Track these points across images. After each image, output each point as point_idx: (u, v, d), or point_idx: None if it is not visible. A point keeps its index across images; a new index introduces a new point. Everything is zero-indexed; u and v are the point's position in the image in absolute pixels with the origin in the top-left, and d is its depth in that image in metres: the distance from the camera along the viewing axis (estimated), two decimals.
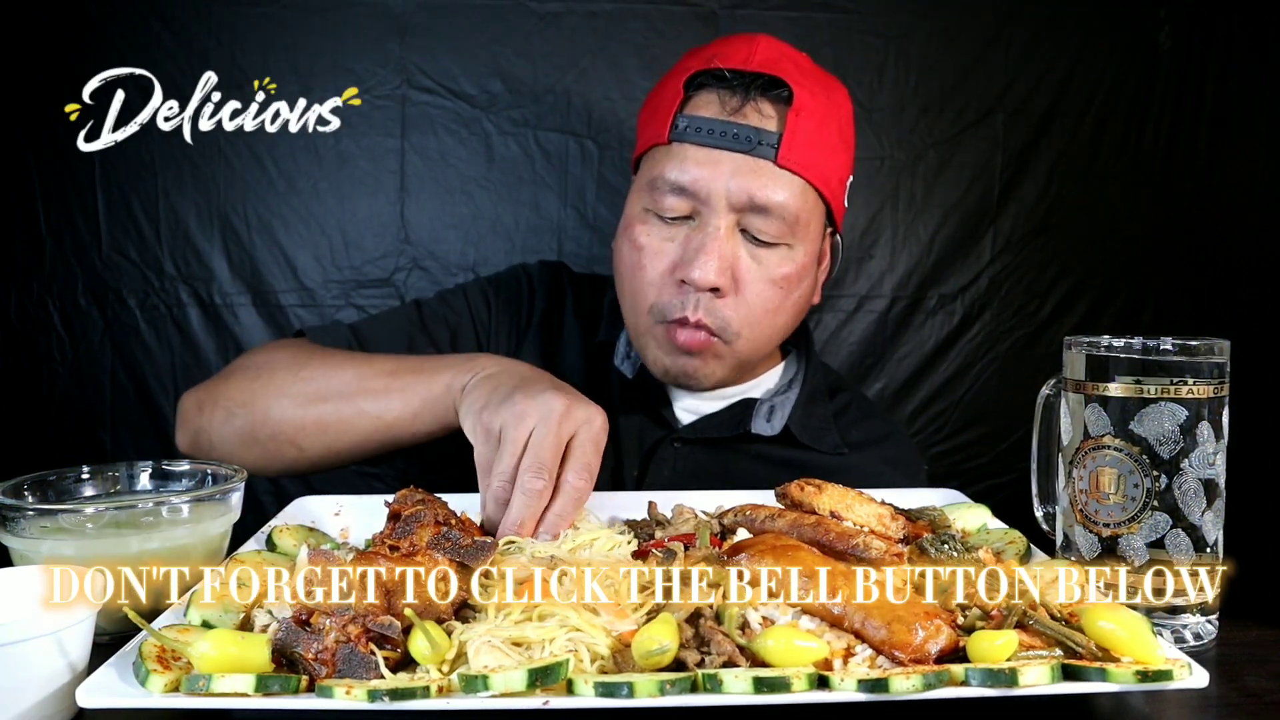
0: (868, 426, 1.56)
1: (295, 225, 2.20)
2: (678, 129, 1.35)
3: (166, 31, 2.11)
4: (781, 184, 1.32)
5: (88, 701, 0.72)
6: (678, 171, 1.33)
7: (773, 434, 1.47)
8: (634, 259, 1.39)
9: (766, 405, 1.50)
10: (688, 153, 1.34)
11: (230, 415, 1.35)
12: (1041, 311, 2.38)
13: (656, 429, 1.50)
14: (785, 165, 1.32)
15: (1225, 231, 2.38)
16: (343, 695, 0.72)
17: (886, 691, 0.73)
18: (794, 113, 1.32)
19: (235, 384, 1.38)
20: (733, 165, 1.32)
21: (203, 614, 0.85)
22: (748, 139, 1.32)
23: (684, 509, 1.12)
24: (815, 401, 1.53)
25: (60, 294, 2.14)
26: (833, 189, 1.40)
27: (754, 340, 1.40)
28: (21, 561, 0.97)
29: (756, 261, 1.36)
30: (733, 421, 1.49)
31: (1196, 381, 0.97)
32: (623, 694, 0.72)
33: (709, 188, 1.32)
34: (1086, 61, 2.32)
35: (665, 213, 1.36)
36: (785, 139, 1.32)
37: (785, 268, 1.37)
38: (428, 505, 1.02)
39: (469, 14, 2.17)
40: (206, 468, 1.13)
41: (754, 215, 1.33)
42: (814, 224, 1.39)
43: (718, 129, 1.33)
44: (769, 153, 1.32)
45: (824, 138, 1.37)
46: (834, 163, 1.39)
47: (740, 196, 1.32)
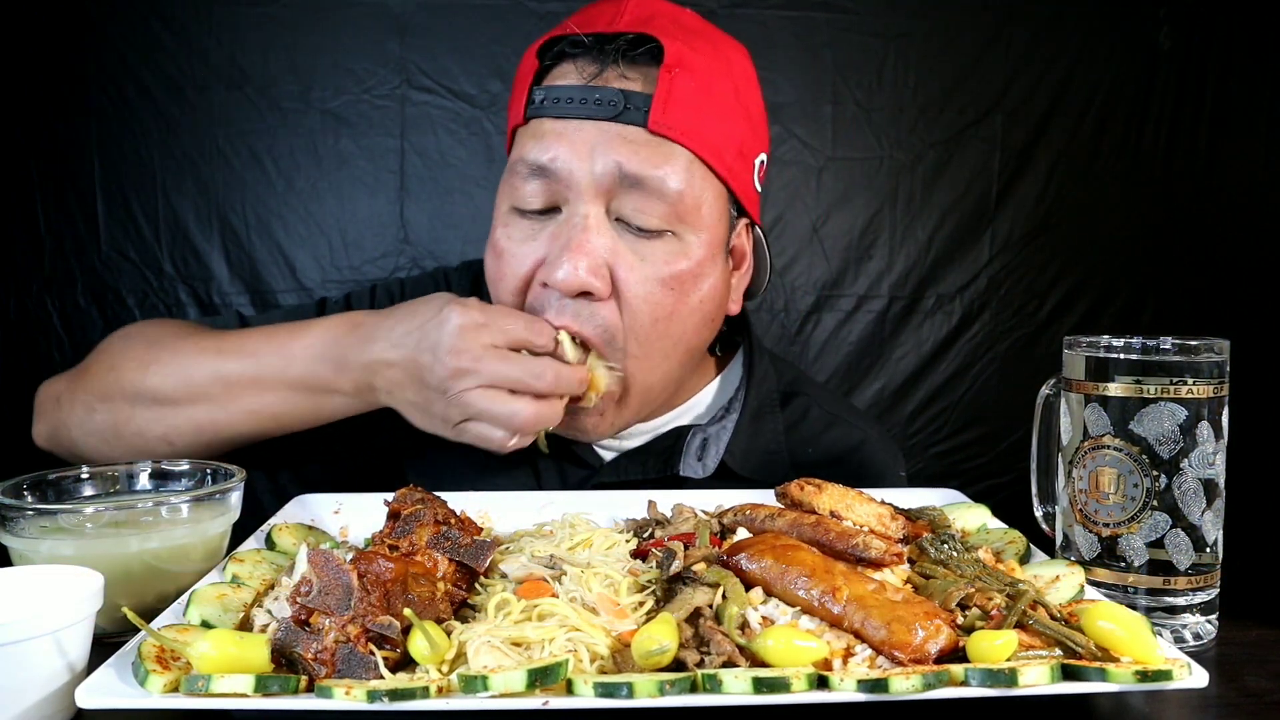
0: (832, 438, 1.34)
1: (294, 225, 2.20)
2: (534, 103, 1.15)
3: (166, 31, 2.11)
4: (659, 154, 1.11)
5: (87, 702, 0.72)
6: (535, 150, 1.13)
7: (704, 475, 1.26)
8: (494, 267, 1.19)
9: (699, 437, 1.27)
10: (545, 128, 1.14)
11: (90, 410, 1.23)
12: (1041, 311, 2.38)
13: (577, 469, 1.30)
14: (660, 131, 1.10)
15: (1225, 231, 2.39)
16: (342, 695, 0.72)
17: (886, 692, 0.73)
18: (666, 70, 1.10)
19: (94, 378, 1.25)
20: (597, 134, 1.11)
21: (202, 613, 0.85)
22: (611, 103, 1.10)
23: (684, 508, 1.12)
24: (761, 419, 1.30)
25: (60, 294, 2.14)
26: (729, 164, 1.17)
27: (646, 360, 1.16)
28: (21, 561, 0.97)
29: (639, 257, 1.13)
30: (660, 459, 1.27)
31: (1196, 381, 0.97)
32: (622, 694, 0.72)
33: (570, 165, 1.11)
34: (1086, 61, 2.32)
35: (526, 204, 1.15)
36: (658, 100, 1.10)
37: (676, 264, 1.14)
38: (427, 504, 1.02)
39: (469, 14, 2.17)
40: (206, 467, 1.13)
41: (628, 195, 1.11)
42: (709, 207, 1.16)
43: (576, 96, 1.11)
44: (639, 116, 1.10)
45: (712, 102, 1.14)
46: (730, 132, 1.16)
47: (607, 172, 1.10)
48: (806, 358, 2.32)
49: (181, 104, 2.14)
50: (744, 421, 1.29)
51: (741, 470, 1.27)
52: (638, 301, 1.14)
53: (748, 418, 1.30)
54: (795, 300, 2.33)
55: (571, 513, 1.14)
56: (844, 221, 2.33)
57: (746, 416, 1.30)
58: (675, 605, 0.84)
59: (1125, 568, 0.98)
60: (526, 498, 1.20)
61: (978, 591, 0.86)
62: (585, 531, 1.04)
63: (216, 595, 0.89)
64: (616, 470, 1.29)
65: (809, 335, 2.34)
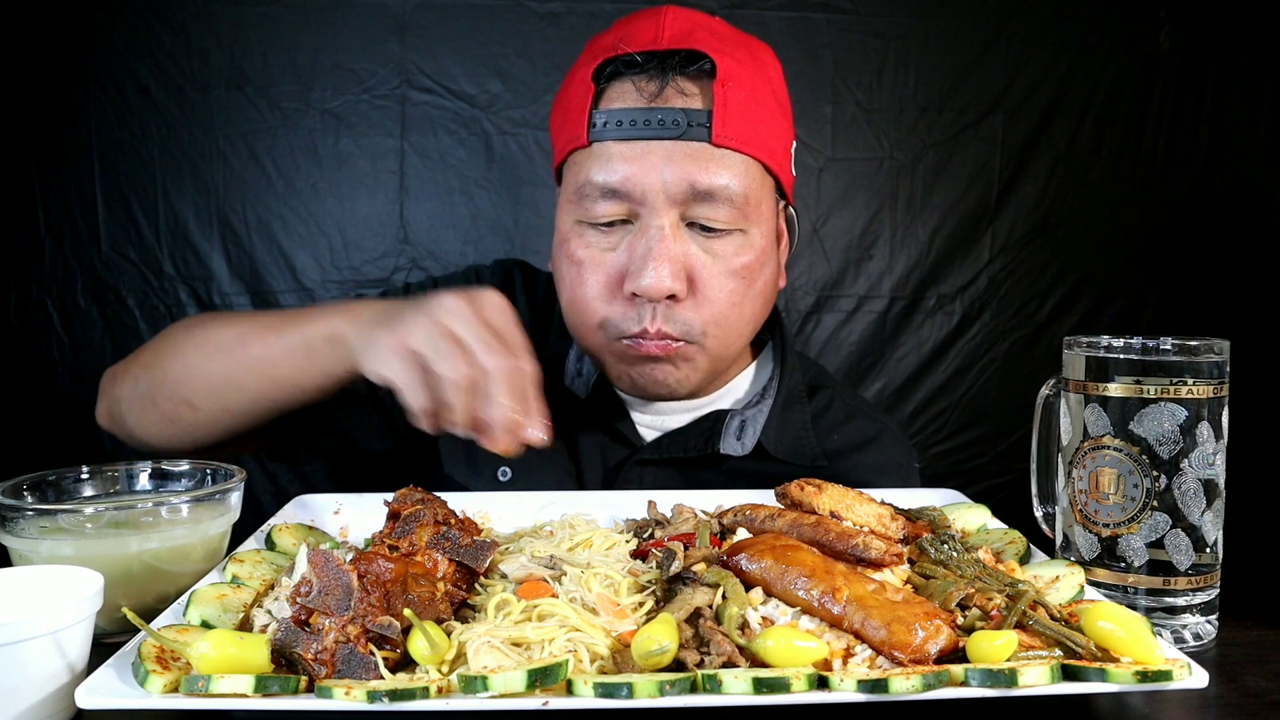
0: (853, 428, 1.43)
1: (294, 225, 2.20)
2: (595, 127, 1.22)
3: (166, 31, 2.11)
4: (723, 165, 1.20)
5: (86, 702, 0.72)
6: (604, 173, 1.20)
7: (744, 454, 1.34)
8: (573, 274, 1.27)
9: (737, 420, 1.36)
10: (611, 150, 1.21)
11: (135, 381, 1.29)
12: (1041, 311, 2.38)
13: (619, 448, 1.38)
14: (723, 143, 1.20)
15: (1225, 231, 2.39)
16: (342, 696, 0.72)
17: (886, 692, 0.73)
18: (720, 85, 1.19)
19: (145, 352, 1.33)
20: (664, 154, 1.19)
21: (202, 614, 0.85)
22: (675, 122, 1.18)
23: (684, 508, 1.12)
24: (792, 407, 1.40)
25: (60, 294, 2.14)
26: (778, 160, 1.28)
27: (724, 338, 1.28)
28: (21, 561, 0.97)
29: (711, 255, 1.23)
30: (701, 439, 1.35)
31: (1196, 381, 0.97)
32: (622, 694, 0.72)
33: (643, 185, 1.19)
34: (1086, 61, 2.32)
35: (599, 220, 1.23)
36: (717, 115, 1.19)
37: (744, 256, 1.24)
38: (427, 504, 1.02)
39: (469, 14, 2.17)
40: (206, 467, 1.13)
41: (699, 205, 1.20)
42: (765, 202, 1.27)
43: (640, 118, 1.19)
44: (702, 133, 1.19)
45: (759, 106, 1.24)
46: (774, 130, 1.26)
47: (679, 187, 1.19)
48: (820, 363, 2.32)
49: (181, 104, 2.14)
50: (777, 406, 1.38)
51: (776, 451, 1.35)
52: (715, 295, 1.24)
53: (780, 403, 1.39)
54: (795, 300, 2.33)
55: (571, 513, 1.14)
56: (844, 222, 2.34)
57: (780, 402, 1.39)
58: (675, 605, 0.84)
59: (1125, 568, 0.98)
60: (527, 498, 1.20)
61: (978, 592, 0.86)
62: (585, 531, 1.04)
63: (216, 595, 0.89)
64: (658, 449, 1.36)
65: (809, 335, 2.34)
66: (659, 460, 1.36)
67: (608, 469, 1.38)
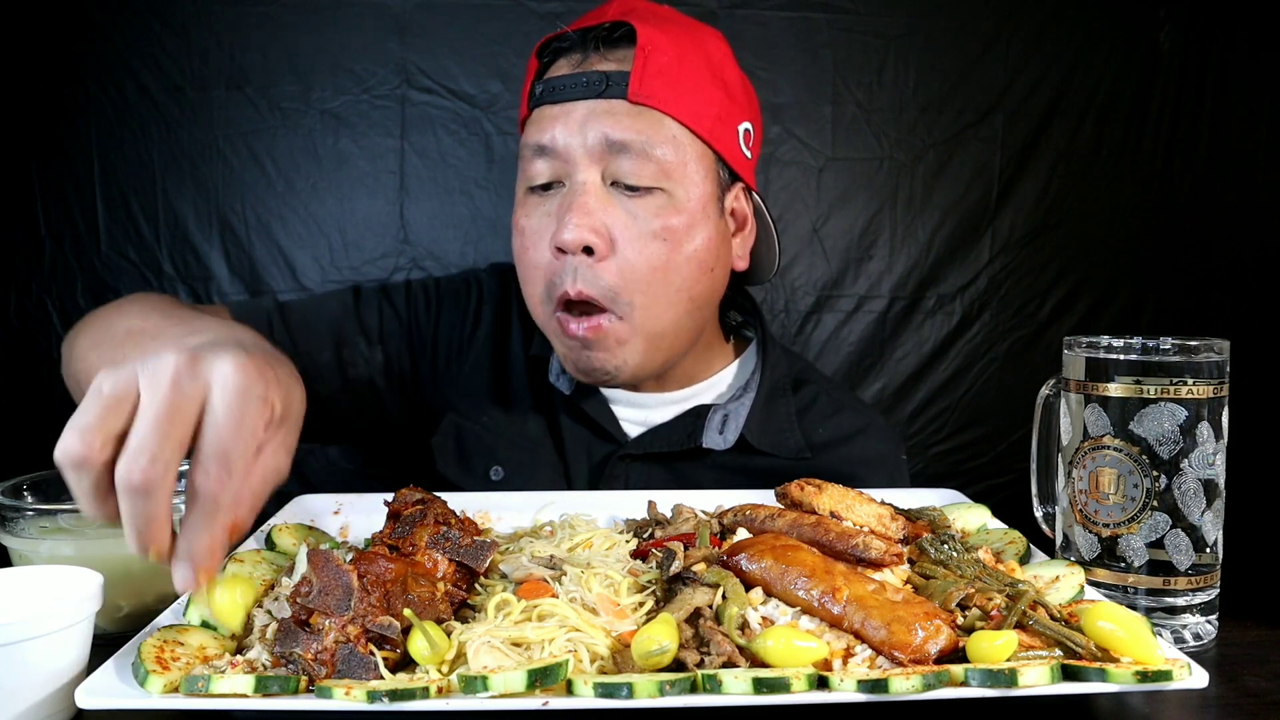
0: (838, 422, 1.45)
1: (294, 225, 2.20)
2: (535, 96, 1.31)
3: (166, 31, 2.11)
4: (639, 119, 1.24)
5: (87, 702, 0.72)
6: (537, 134, 1.27)
7: (725, 447, 1.37)
8: (519, 244, 1.32)
9: (720, 414, 1.39)
10: (544, 114, 1.28)
11: (67, 350, 1.27)
12: (1041, 312, 2.38)
13: (603, 444, 1.41)
14: (639, 100, 1.25)
15: (1225, 231, 2.39)
16: (342, 696, 0.72)
17: (886, 692, 0.73)
18: (641, 49, 1.25)
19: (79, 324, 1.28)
20: (586, 110, 1.25)
21: (202, 613, 0.85)
22: (595, 83, 1.25)
23: (684, 508, 1.12)
24: (775, 400, 1.42)
25: (60, 294, 2.14)
26: (709, 128, 1.29)
27: (651, 308, 1.27)
28: (21, 561, 0.97)
29: (632, 215, 1.25)
30: (683, 433, 1.39)
31: (1196, 381, 0.97)
32: (622, 694, 0.72)
33: (566, 140, 1.25)
34: (1086, 61, 2.32)
35: (535, 181, 1.29)
36: (634, 74, 1.24)
37: (667, 218, 1.25)
38: (427, 504, 1.02)
39: (469, 14, 2.17)
40: None
41: (619, 160, 1.24)
42: (694, 165, 1.28)
43: (567, 82, 1.27)
44: (619, 90, 1.25)
45: (687, 75, 1.28)
46: (705, 98, 1.29)
47: (596, 140, 1.24)
48: (806, 358, 2.32)
49: (181, 104, 2.14)
50: (760, 400, 1.40)
51: (759, 444, 1.37)
52: (633, 253, 1.25)
53: (763, 397, 1.41)
54: (795, 300, 2.33)
55: (571, 513, 1.14)
56: (844, 222, 2.34)
57: (762, 396, 1.41)
58: (675, 605, 0.84)
59: (1125, 568, 0.98)
60: (526, 498, 1.20)
61: (978, 592, 0.86)
62: (585, 532, 1.04)
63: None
64: (641, 444, 1.39)
65: (809, 335, 2.34)
66: (643, 455, 1.39)
67: (593, 464, 1.40)
